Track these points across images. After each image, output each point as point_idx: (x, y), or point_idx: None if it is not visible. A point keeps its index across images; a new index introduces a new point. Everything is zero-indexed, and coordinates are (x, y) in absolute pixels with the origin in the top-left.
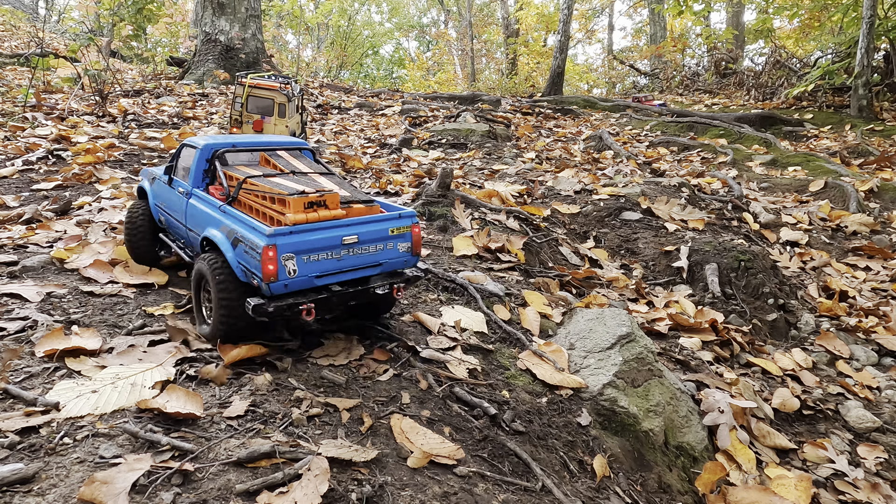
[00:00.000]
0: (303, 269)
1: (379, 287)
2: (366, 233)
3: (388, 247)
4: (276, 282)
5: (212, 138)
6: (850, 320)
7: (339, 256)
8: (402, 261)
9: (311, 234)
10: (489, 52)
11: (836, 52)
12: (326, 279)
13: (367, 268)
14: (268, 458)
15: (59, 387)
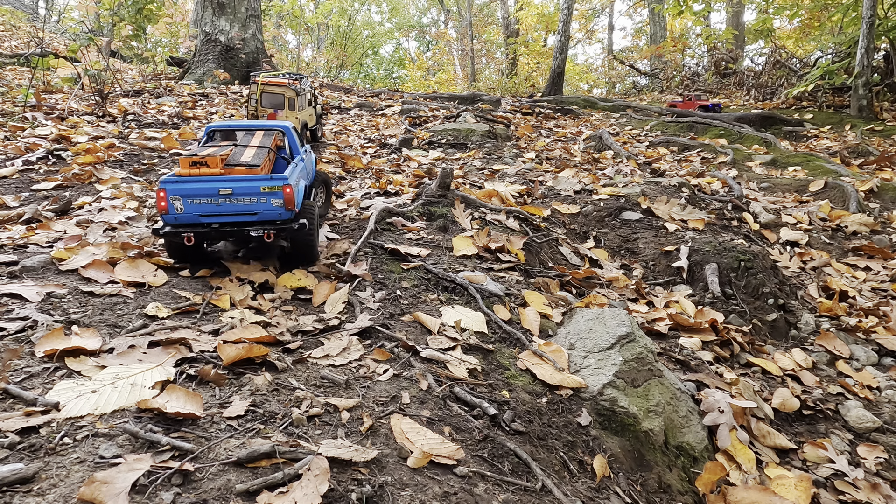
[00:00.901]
0: (188, 208)
1: (253, 231)
2: (239, 188)
3: (262, 201)
4: (167, 215)
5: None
6: (850, 320)
7: (218, 203)
8: (278, 213)
9: (193, 184)
10: (489, 52)
11: (836, 52)
12: (209, 219)
13: (244, 214)
14: (268, 458)
15: (59, 387)
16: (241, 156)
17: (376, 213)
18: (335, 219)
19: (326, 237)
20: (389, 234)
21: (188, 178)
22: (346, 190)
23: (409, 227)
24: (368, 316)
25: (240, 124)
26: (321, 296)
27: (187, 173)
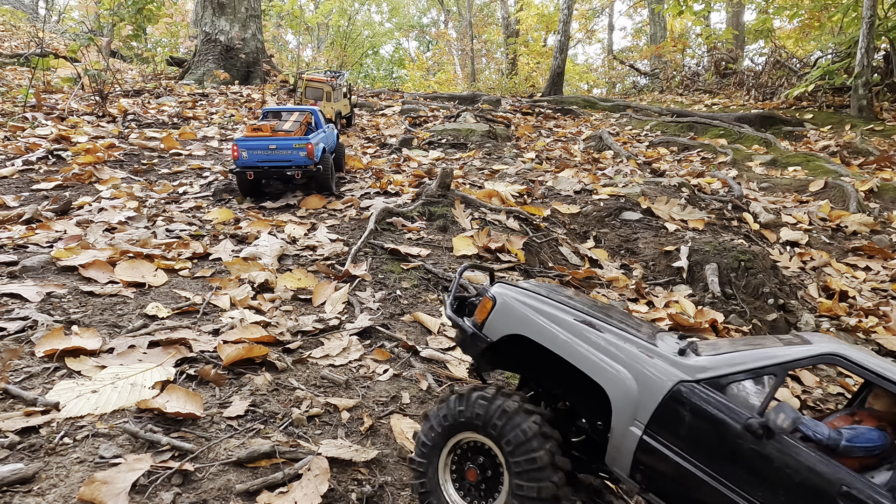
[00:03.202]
0: (250, 157)
1: (289, 171)
2: (280, 144)
3: (294, 153)
4: (238, 160)
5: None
6: (850, 320)
7: (268, 153)
8: (304, 161)
9: (253, 141)
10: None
11: (836, 52)
12: (262, 163)
13: (283, 161)
14: (268, 458)
15: (59, 387)
16: (283, 126)
17: (376, 213)
18: (335, 218)
19: (327, 238)
20: (389, 234)
21: (250, 138)
22: (346, 190)
23: (409, 227)
24: (368, 316)
25: (284, 108)
26: (321, 296)
27: (249, 135)
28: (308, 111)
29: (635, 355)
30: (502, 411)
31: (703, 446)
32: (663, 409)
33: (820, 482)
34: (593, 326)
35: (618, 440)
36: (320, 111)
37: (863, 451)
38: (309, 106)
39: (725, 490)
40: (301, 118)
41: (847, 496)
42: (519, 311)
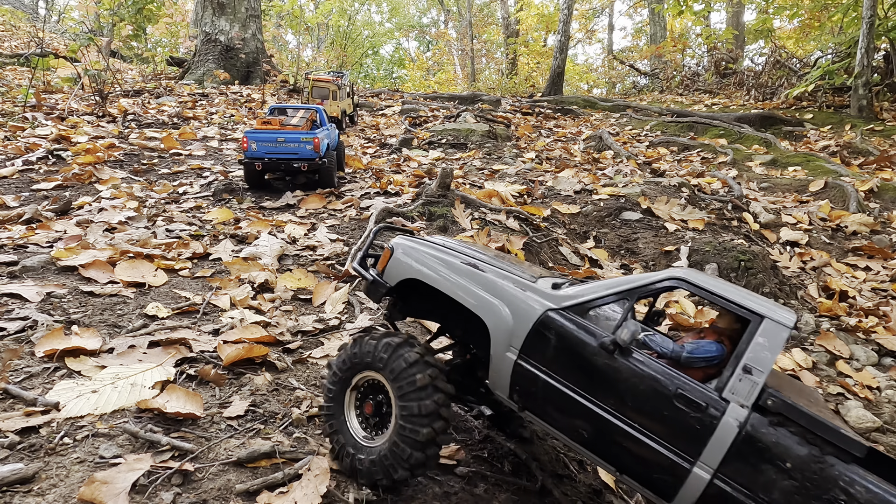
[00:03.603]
0: (259, 148)
1: (295, 163)
2: (288, 137)
3: (301, 146)
4: (247, 152)
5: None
6: (850, 320)
7: (276, 145)
8: (310, 154)
9: (262, 134)
10: (489, 52)
11: (836, 52)
12: (270, 155)
13: (290, 153)
14: (268, 458)
15: (59, 387)
16: (291, 121)
17: (376, 213)
18: (335, 218)
19: (327, 238)
20: (389, 234)
21: (260, 130)
22: (347, 190)
23: (409, 226)
24: (368, 316)
25: (290, 105)
26: (321, 296)
27: (259, 127)
28: (313, 109)
29: (510, 289)
30: (387, 346)
31: (567, 365)
32: (533, 335)
33: (660, 388)
34: (477, 268)
35: (497, 365)
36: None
37: (703, 361)
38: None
39: (585, 402)
40: (307, 115)
41: (680, 397)
42: (412, 257)
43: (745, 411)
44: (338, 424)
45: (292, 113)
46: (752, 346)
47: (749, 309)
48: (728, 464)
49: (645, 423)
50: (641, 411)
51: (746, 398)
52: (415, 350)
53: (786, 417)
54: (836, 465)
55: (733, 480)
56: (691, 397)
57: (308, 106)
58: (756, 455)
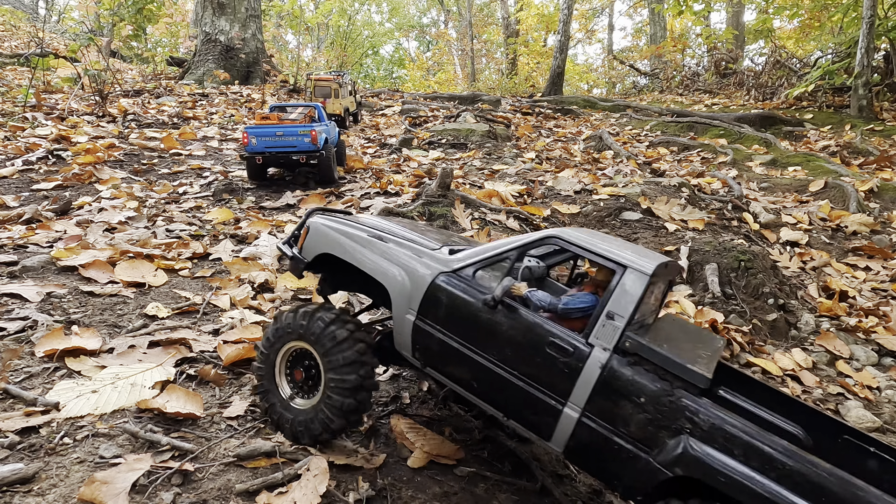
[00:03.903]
0: (259, 143)
1: (294, 156)
2: (287, 131)
3: (299, 139)
4: (248, 146)
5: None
6: (850, 320)
7: (275, 139)
8: (308, 147)
9: (262, 129)
10: (489, 52)
11: (836, 52)
12: (270, 149)
13: (290, 147)
14: (268, 457)
15: (59, 387)
16: (289, 116)
17: (376, 214)
18: None
19: None
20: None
21: (259, 125)
22: (346, 190)
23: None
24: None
25: (291, 104)
26: None
27: (259, 123)
28: (312, 106)
29: (408, 257)
30: (319, 320)
31: (457, 322)
32: (427, 297)
33: (534, 337)
34: (381, 239)
35: (399, 327)
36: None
37: (579, 311)
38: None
39: (473, 355)
40: (305, 111)
41: (551, 345)
42: (325, 234)
43: (607, 354)
44: (269, 387)
45: (291, 110)
46: (615, 294)
47: (613, 260)
48: (593, 402)
49: (523, 369)
50: (519, 359)
51: (608, 342)
52: (347, 327)
53: (642, 357)
54: (683, 397)
55: (598, 417)
56: (561, 344)
57: (307, 104)
58: (616, 393)
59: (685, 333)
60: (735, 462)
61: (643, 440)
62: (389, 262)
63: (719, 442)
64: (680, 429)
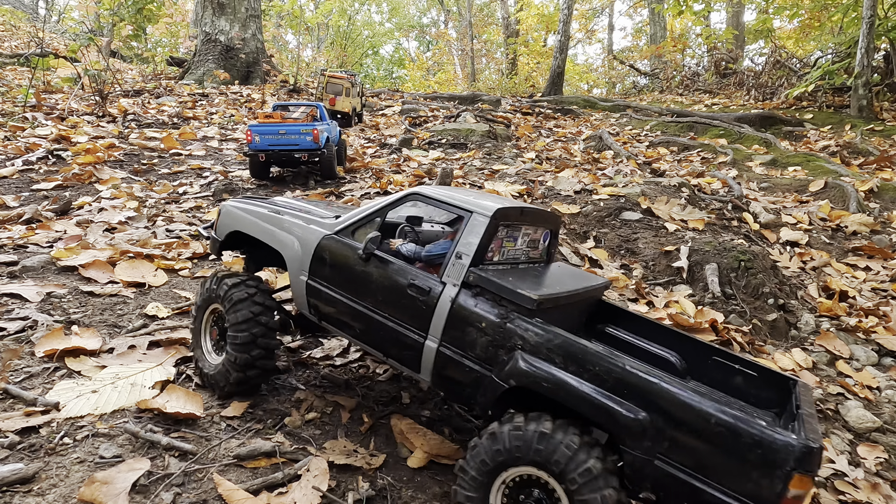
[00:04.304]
0: (262, 140)
1: (296, 154)
2: (289, 130)
3: (301, 137)
4: (251, 144)
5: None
6: (850, 320)
7: (278, 137)
8: (310, 145)
9: (265, 127)
10: (489, 52)
11: (836, 52)
12: (273, 146)
13: (292, 145)
14: (268, 457)
15: (59, 387)
16: (292, 115)
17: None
18: None
19: None
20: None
21: (263, 123)
22: (346, 190)
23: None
24: None
25: (293, 102)
26: None
27: (262, 121)
28: (314, 106)
29: (300, 226)
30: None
31: (339, 277)
32: (315, 258)
33: (398, 282)
34: (279, 213)
35: (296, 289)
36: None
37: (439, 256)
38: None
39: (354, 304)
40: (307, 111)
41: (412, 286)
42: (232, 213)
43: (456, 289)
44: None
45: (294, 109)
46: (462, 236)
47: (462, 207)
48: (447, 332)
49: (392, 311)
50: (389, 303)
51: (457, 278)
52: (246, 290)
53: (483, 288)
54: (516, 318)
55: (452, 345)
56: (419, 285)
57: (309, 103)
58: (463, 321)
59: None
60: (556, 369)
61: (487, 360)
62: (284, 231)
63: (544, 354)
64: (514, 346)
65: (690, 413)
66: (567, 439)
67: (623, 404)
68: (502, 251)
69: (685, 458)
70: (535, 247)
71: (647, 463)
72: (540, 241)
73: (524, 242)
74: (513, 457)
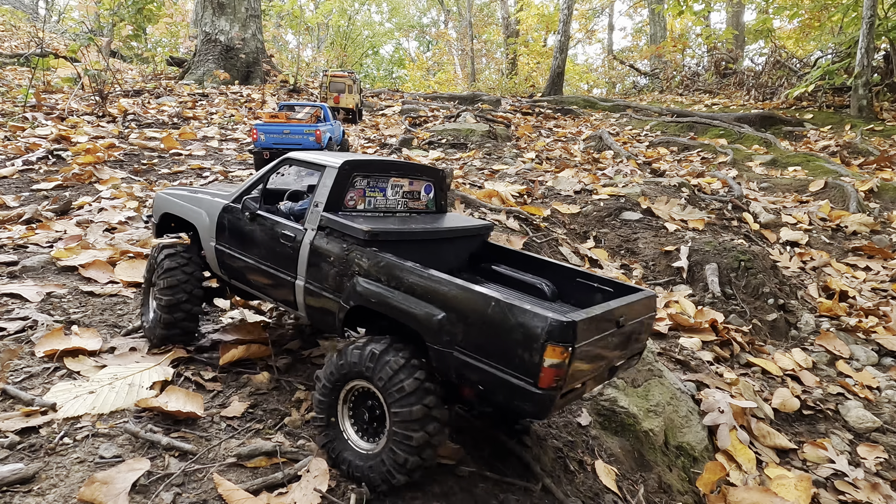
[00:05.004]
0: (267, 139)
1: None
2: (293, 130)
3: (304, 137)
4: (257, 142)
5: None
6: (850, 320)
7: (282, 136)
8: (312, 144)
9: (270, 126)
10: (489, 52)
11: (836, 52)
12: (277, 145)
13: (295, 144)
14: (268, 456)
15: (57, 388)
16: (296, 115)
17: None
18: None
19: None
20: None
21: (268, 123)
22: None
23: None
24: None
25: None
26: None
27: (268, 121)
28: (318, 106)
29: (207, 201)
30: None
31: (235, 238)
32: (218, 225)
33: (274, 234)
34: (195, 194)
35: (208, 254)
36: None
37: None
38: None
39: (247, 258)
40: (312, 111)
41: (282, 236)
42: (162, 198)
43: (313, 232)
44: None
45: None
46: (318, 188)
47: (318, 164)
48: (309, 271)
49: (272, 260)
50: (269, 253)
51: (314, 224)
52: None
53: (332, 229)
54: (354, 249)
55: (313, 280)
56: (288, 233)
57: (314, 103)
58: (318, 258)
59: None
60: (381, 287)
61: (337, 288)
62: (196, 207)
63: (374, 276)
64: (353, 273)
65: (473, 305)
66: (391, 359)
67: (426, 307)
68: (368, 201)
69: (474, 346)
70: (416, 198)
71: (448, 355)
72: (421, 193)
73: (397, 194)
74: (352, 371)
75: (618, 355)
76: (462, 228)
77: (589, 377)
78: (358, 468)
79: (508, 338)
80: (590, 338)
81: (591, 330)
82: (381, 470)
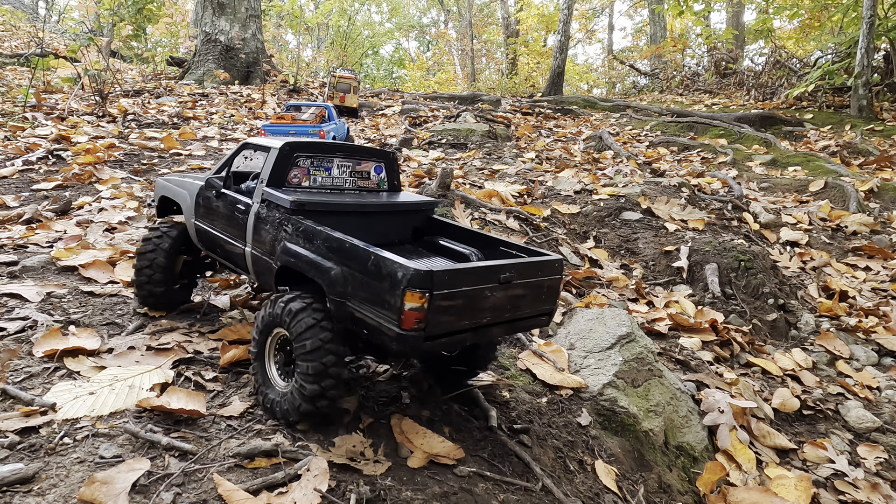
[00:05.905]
0: None
1: None
2: (298, 130)
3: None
4: None
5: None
6: (850, 320)
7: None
8: None
9: (276, 127)
10: (489, 52)
11: (836, 52)
12: None
13: None
14: (268, 456)
15: (57, 388)
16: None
17: None
18: None
19: None
20: None
21: (275, 124)
22: None
23: None
24: None
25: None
26: None
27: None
28: (323, 106)
29: (190, 183)
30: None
31: (208, 214)
32: (196, 203)
33: (232, 208)
34: (185, 178)
35: (190, 230)
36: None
37: None
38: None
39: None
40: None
41: (237, 209)
42: (160, 183)
43: (257, 205)
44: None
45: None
46: (263, 167)
47: (266, 147)
48: (254, 238)
49: (231, 231)
50: (229, 225)
51: (259, 198)
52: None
53: (270, 202)
54: (282, 217)
55: (257, 246)
56: (241, 206)
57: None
58: (259, 227)
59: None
60: (299, 248)
61: (271, 252)
62: (181, 189)
63: (295, 240)
64: (282, 238)
65: (359, 260)
66: (295, 304)
67: (327, 264)
68: (313, 178)
69: (360, 296)
70: (366, 177)
71: (343, 304)
72: (371, 173)
73: (344, 173)
74: (274, 321)
75: (506, 310)
76: (398, 203)
77: (466, 325)
78: (277, 403)
79: (380, 286)
80: (455, 287)
81: (457, 281)
82: (291, 400)
